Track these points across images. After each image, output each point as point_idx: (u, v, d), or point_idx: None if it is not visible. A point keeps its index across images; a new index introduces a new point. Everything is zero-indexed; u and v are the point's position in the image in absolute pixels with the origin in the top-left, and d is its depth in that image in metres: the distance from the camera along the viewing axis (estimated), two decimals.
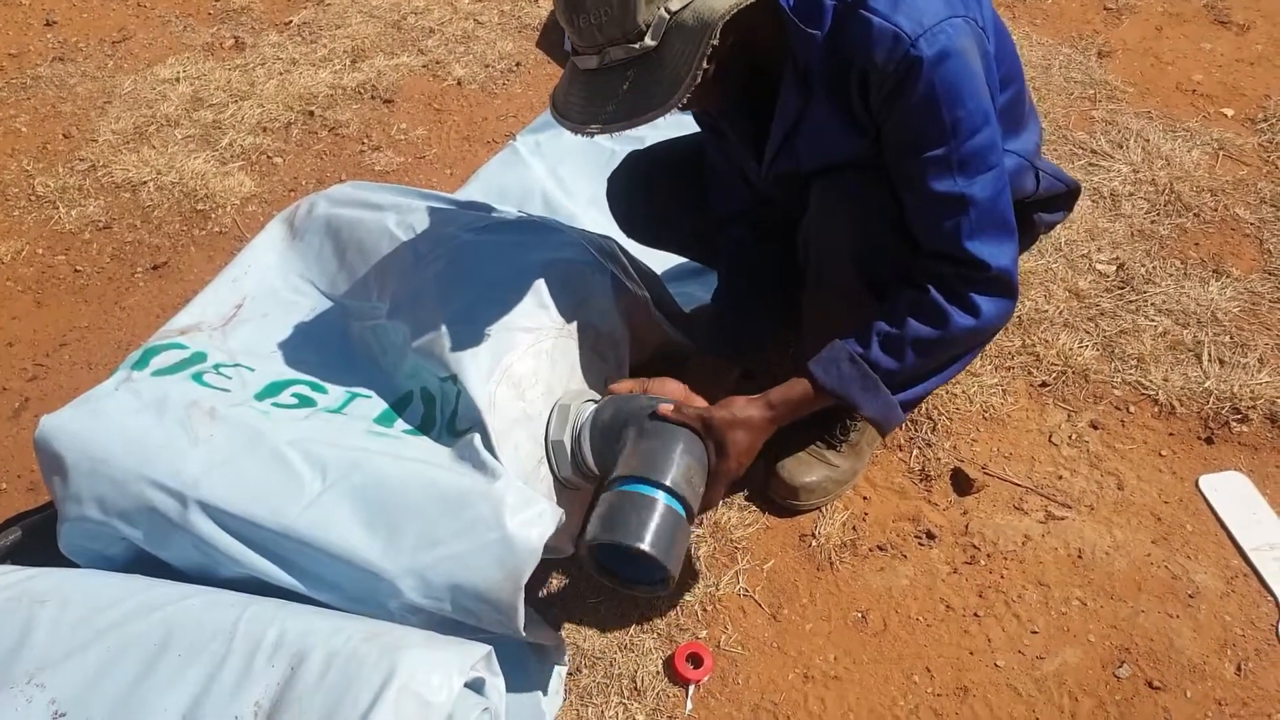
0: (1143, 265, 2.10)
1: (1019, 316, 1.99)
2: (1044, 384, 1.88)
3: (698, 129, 1.64)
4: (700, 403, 1.37)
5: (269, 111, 2.61)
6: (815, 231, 1.41)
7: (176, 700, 1.11)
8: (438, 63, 2.79)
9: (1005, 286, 1.30)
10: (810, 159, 1.37)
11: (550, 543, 1.28)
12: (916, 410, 1.82)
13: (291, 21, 3.00)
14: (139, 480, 1.30)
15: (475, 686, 1.17)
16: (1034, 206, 1.57)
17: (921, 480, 1.74)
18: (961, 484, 1.72)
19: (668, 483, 1.27)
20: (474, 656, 1.16)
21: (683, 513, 1.29)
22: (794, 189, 1.42)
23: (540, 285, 1.46)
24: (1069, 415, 1.83)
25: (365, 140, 2.53)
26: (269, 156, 2.48)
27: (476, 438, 1.33)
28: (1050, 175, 1.54)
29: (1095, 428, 1.81)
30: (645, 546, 1.23)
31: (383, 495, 1.27)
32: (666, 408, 1.33)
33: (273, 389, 1.46)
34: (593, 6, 1.14)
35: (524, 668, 1.36)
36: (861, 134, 1.30)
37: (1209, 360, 1.90)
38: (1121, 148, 2.42)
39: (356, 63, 2.80)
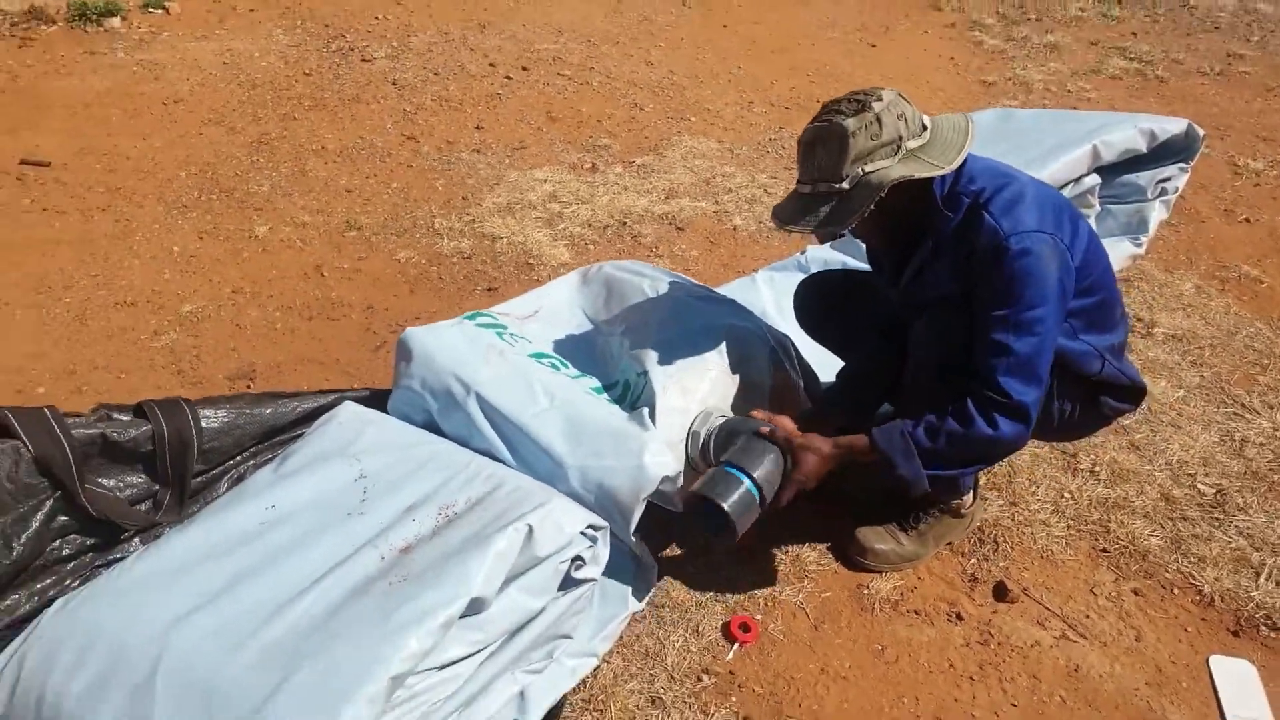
0: (1242, 496, 2.41)
1: (1105, 496, 2.38)
2: (1104, 550, 2.26)
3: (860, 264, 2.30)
4: (797, 433, 1.98)
5: (596, 215, 3.58)
6: (916, 343, 2.00)
7: (427, 485, 1.86)
8: (725, 212, 3.66)
9: (1021, 415, 1.80)
10: (926, 292, 1.98)
11: (664, 489, 1.93)
12: (984, 534, 2.27)
13: (635, 162, 4.02)
14: (447, 373, 2.12)
15: (590, 539, 1.81)
16: (1101, 389, 2.04)
17: (969, 581, 2.18)
18: (1001, 593, 2.14)
19: (755, 474, 1.89)
20: (598, 523, 1.82)
21: (757, 497, 1.89)
22: (911, 311, 2.03)
23: (722, 338, 2.16)
24: (1116, 578, 2.19)
25: (654, 249, 3.40)
26: (585, 243, 3.42)
27: (646, 411, 2.02)
28: (1115, 367, 2.02)
29: (1136, 594, 2.16)
30: (725, 506, 1.85)
31: (579, 420, 1.99)
32: (768, 429, 1.96)
33: (539, 356, 2.24)
34: (819, 157, 1.84)
35: (625, 568, 1.99)
36: (960, 285, 1.90)
37: (1266, 578, 2.18)
38: (1272, 409, 2.73)
39: (668, 199, 3.73)
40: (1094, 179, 3.09)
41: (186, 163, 3.84)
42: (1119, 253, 3.16)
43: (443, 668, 1.61)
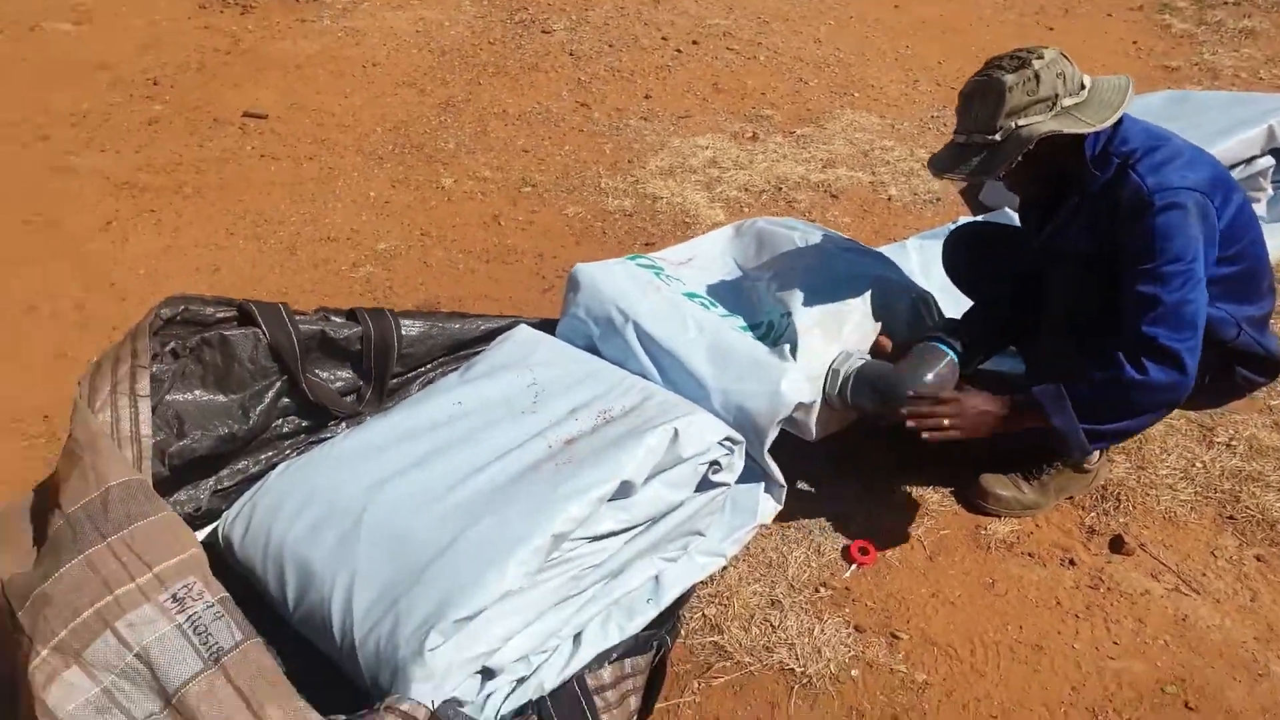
0: None
1: (1240, 469, 2.41)
2: (1231, 517, 2.30)
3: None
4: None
5: (754, 180, 3.77)
6: (1049, 296, 2.11)
7: (588, 393, 2.13)
8: (881, 182, 3.78)
9: (1173, 360, 1.85)
10: (1065, 246, 2.08)
11: (798, 416, 2.13)
12: (1106, 492, 2.35)
13: (795, 132, 4.19)
14: (610, 303, 2.38)
15: (727, 449, 2.04)
16: (1235, 357, 2.10)
17: (1086, 532, 2.28)
18: (1117, 545, 2.23)
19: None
20: (735, 437, 2.04)
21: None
22: (1049, 265, 2.14)
23: (867, 287, 2.34)
24: (1240, 544, 2.24)
25: (808, 214, 3.57)
26: (741, 205, 3.63)
27: (788, 347, 2.22)
28: (1252, 337, 2.07)
29: (1259, 560, 2.20)
30: (950, 353, 2.13)
31: (724, 349, 2.22)
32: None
33: (691, 295, 2.48)
34: (976, 109, 1.98)
35: (756, 485, 2.21)
36: (1101, 241, 2.00)
37: None
38: None
39: (825, 168, 3.88)
40: (1268, 161, 3.05)
41: (382, 119, 4.27)
42: None
43: (594, 539, 1.87)
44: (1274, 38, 5.09)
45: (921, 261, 3.15)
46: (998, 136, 1.95)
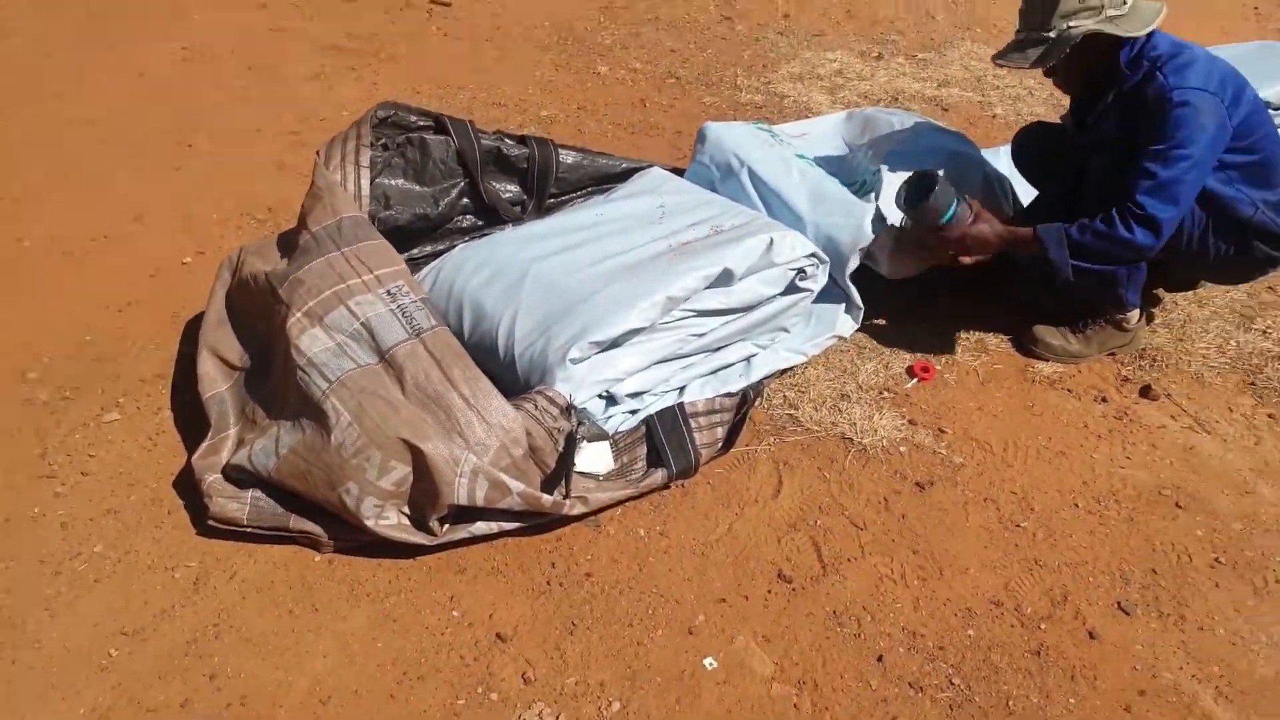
0: None
1: (1270, 350, 2.72)
2: (1253, 383, 2.63)
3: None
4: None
5: (873, 90, 4.16)
6: (1090, 174, 2.48)
7: (705, 214, 2.61)
8: (989, 102, 4.11)
9: (1152, 225, 2.26)
10: (1104, 133, 2.45)
11: (875, 250, 2.57)
12: (1145, 354, 2.71)
13: (917, 56, 4.53)
14: (729, 152, 2.86)
15: (813, 262, 2.50)
16: (1254, 232, 2.43)
17: (1121, 380, 2.65)
18: (1145, 391, 2.59)
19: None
20: (821, 255, 2.50)
21: (953, 205, 2.47)
22: (1089, 150, 2.50)
23: (946, 157, 2.74)
24: (1256, 404, 2.57)
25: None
26: (858, 106, 4.02)
27: (873, 194, 2.65)
28: (1268, 216, 2.41)
29: (1270, 416, 2.53)
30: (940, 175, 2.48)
31: (820, 192, 2.67)
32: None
33: (801, 157, 2.92)
34: (1035, 10, 2.37)
35: (838, 304, 2.66)
36: (1131, 128, 2.36)
37: None
38: None
39: (940, 87, 4.23)
40: None
41: (550, 15, 4.80)
42: None
43: (700, 314, 2.37)
44: None
45: (1010, 165, 3.50)
46: (1052, 34, 2.32)
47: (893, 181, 2.68)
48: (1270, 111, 3.15)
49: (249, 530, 1.99)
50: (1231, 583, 2.07)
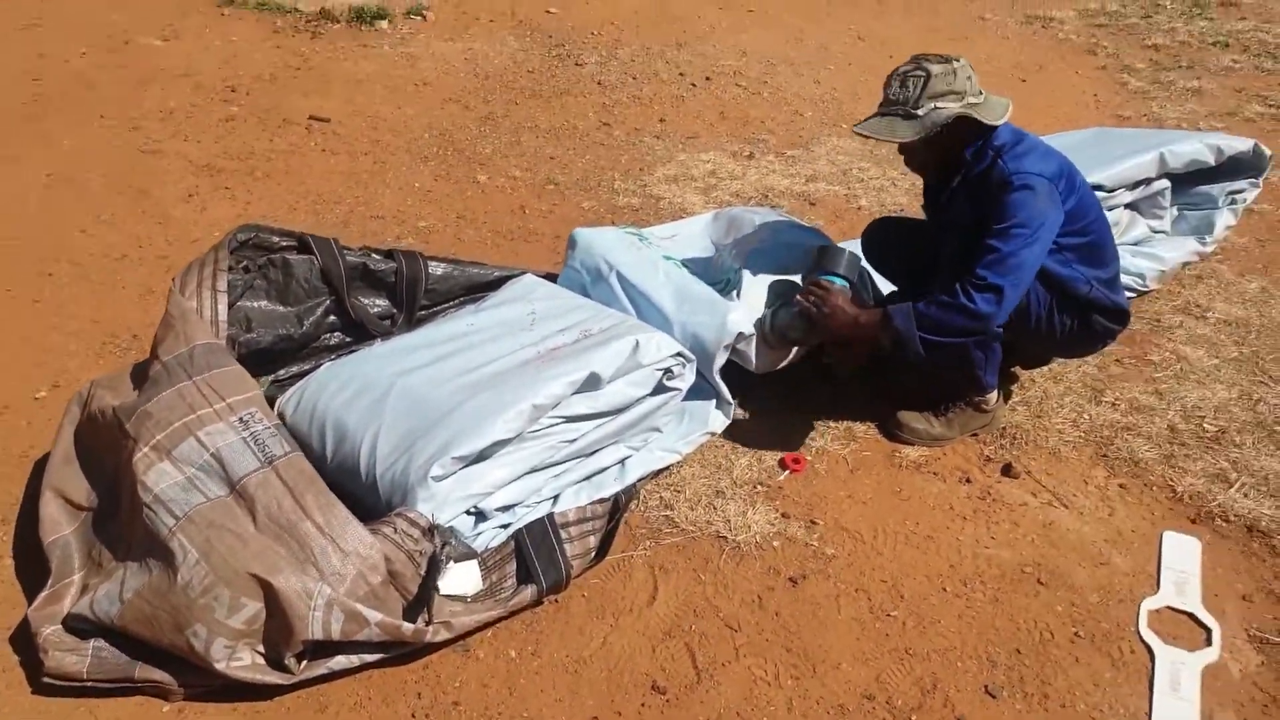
0: (1240, 436, 2.80)
1: (1119, 422, 2.86)
2: (1105, 456, 2.75)
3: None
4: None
5: (744, 188, 4.32)
6: (942, 255, 2.61)
7: (574, 319, 2.64)
8: (854, 195, 4.31)
9: (994, 292, 2.36)
10: (953, 216, 2.59)
11: (740, 346, 2.63)
12: (1005, 433, 2.82)
13: (786, 153, 4.74)
14: (599, 257, 2.92)
15: (680, 362, 2.54)
16: (1091, 308, 2.59)
17: (984, 460, 2.74)
18: (1007, 470, 2.69)
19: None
20: (688, 354, 2.55)
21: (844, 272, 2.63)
22: (942, 231, 2.64)
23: (804, 251, 2.85)
24: (1108, 475, 2.68)
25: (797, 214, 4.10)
26: (730, 206, 4.17)
27: (735, 292, 2.74)
28: (1102, 292, 2.57)
29: (1121, 487, 2.64)
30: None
31: (685, 293, 2.74)
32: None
33: (667, 258, 3.00)
34: (907, 89, 2.48)
35: (708, 400, 2.70)
36: (979, 213, 2.51)
37: (1235, 490, 2.61)
38: None
39: (808, 182, 4.42)
40: (1163, 184, 3.53)
41: (429, 127, 4.88)
42: (1186, 249, 3.58)
43: (569, 420, 2.38)
44: (1217, 96, 5.56)
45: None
46: (919, 112, 2.46)
47: (754, 282, 2.77)
48: (1105, 193, 3.42)
49: (90, 685, 1.88)
50: (1090, 656, 2.12)
